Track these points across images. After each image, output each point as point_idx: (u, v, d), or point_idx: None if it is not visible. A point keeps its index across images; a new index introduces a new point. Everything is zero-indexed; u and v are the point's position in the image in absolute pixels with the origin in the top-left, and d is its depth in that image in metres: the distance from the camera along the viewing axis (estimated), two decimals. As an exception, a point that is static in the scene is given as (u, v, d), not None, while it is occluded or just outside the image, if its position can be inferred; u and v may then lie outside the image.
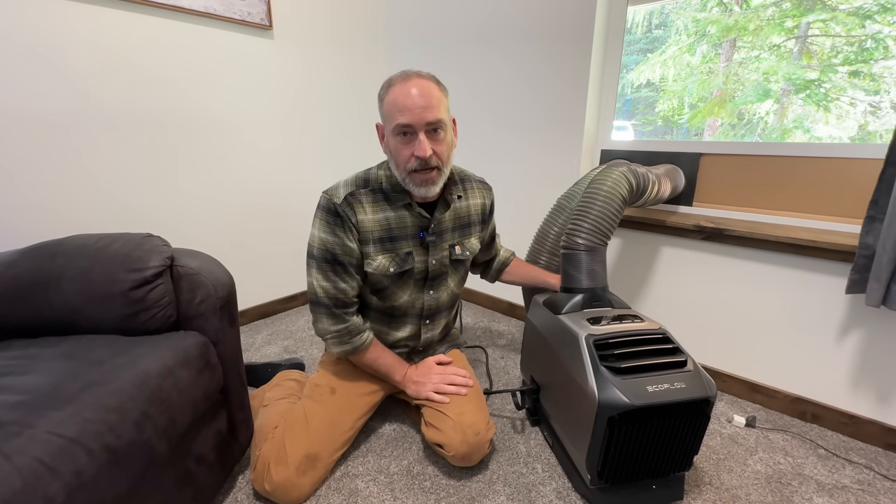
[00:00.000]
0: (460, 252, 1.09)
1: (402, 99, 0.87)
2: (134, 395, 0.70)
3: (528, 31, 1.61)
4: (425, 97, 0.87)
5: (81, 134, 1.30)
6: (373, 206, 0.99)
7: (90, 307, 0.86)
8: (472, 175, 1.15)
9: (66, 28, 1.23)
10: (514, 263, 1.31)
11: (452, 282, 1.13)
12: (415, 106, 0.87)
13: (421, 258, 1.04)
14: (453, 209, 1.07)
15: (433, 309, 1.12)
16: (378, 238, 0.99)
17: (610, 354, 0.90)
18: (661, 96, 1.99)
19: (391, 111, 0.89)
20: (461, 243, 1.09)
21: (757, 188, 1.33)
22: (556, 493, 1.00)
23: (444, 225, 1.05)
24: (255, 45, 1.63)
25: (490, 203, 1.17)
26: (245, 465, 1.06)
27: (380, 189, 1.00)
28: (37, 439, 0.58)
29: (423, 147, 0.88)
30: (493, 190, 1.19)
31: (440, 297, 1.11)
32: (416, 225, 1.02)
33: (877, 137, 1.36)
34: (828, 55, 1.59)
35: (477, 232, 1.14)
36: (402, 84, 0.89)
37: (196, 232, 1.61)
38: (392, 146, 0.93)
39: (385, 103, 0.91)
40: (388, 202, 1.00)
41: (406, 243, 1.02)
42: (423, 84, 0.89)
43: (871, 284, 1.01)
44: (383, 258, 1.00)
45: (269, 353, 1.61)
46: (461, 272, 1.15)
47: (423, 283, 1.08)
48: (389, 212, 1.00)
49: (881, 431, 1.15)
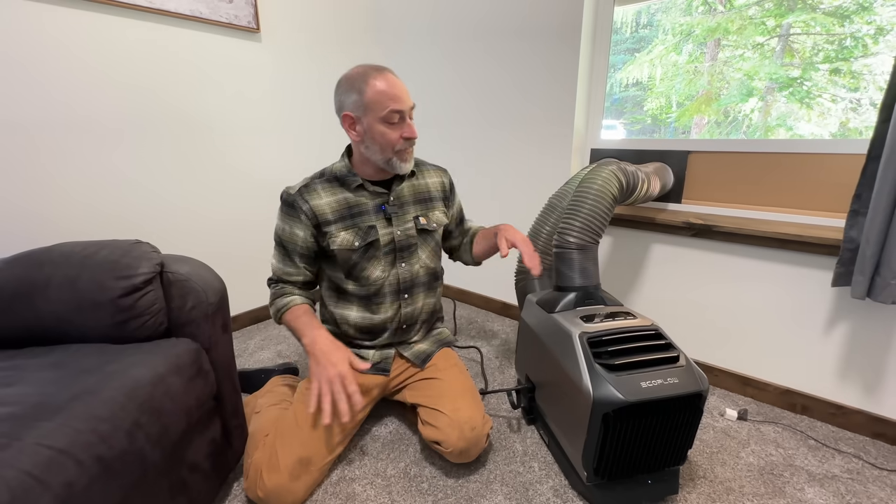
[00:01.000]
0: (426, 222, 1.14)
1: (391, 88, 0.96)
2: (125, 403, 0.69)
3: (517, 30, 1.62)
4: (403, 86, 0.99)
5: (67, 140, 1.28)
6: (328, 190, 1.06)
7: (78, 316, 0.85)
8: (427, 161, 1.24)
9: (50, 33, 1.21)
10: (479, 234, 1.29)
11: (424, 254, 1.15)
12: (402, 93, 0.98)
13: (385, 230, 1.08)
14: (412, 185, 1.14)
15: (409, 282, 1.14)
16: (338, 217, 1.05)
17: (603, 351, 0.91)
18: (649, 95, 2.02)
19: (381, 100, 0.96)
20: (426, 215, 1.15)
21: (744, 185, 1.35)
22: (553, 490, 1.01)
23: (405, 198, 1.12)
24: (242, 48, 1.62)
25: (448, 181, 1.23)
26: (240, 473, 1.04)
27: (334, 177, 1.08)
28: (25, 451, 0.57)
29: (413, 129, 1.01)
30: (447, 172, 1.25)
31: (413, 268, 1.14)
32: (376, 201, 1.08)
33: (857, 134, 1.39)
34: (809, 53, 1.62)
35: (441, 207, 1.19)
36: (381, 76, 0.97)
37: (186, 237, 1.59)
38: (378, 132, 0.99)
39: (367, 94, 0.96)
40: (343, 185, 1.07)
41: (368, 217, 1.07)
42: (394, 76, 0.99)
43: (856, 277, 1.03)
44: (346, 234, 1.05)
45: (262, 358, 1.59)
46: (431, 244, 1.17)
47: (392, 257, 1.10)
48: (346, 193, 1.07)
49: (868, 421, 1.17)
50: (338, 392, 0.92)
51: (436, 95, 1.94)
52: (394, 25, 2.01)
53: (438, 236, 1.20)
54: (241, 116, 1.67)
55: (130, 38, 1.35)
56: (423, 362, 1.16)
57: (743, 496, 0.99)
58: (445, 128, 1.95)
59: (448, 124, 1.94)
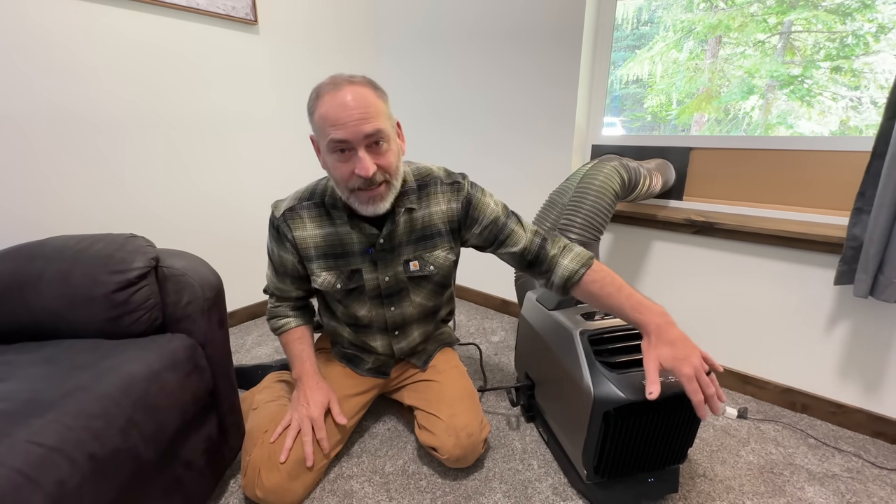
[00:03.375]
0: (417, 268, 0.97)
1: (335, 111, 0.76)
2: (119, 400, 0.68)
3: (518, 26, 1.60)
4: (361, 107, 0.76)
5: (60, 133, 1.26)
6: (314, 221, 0.93)
7: (71, 311, 0.83)
8: (440, 176, 0.96)
9: (40, 24, 1.18)
10: (587, 280, 0.89)
11: (418, 297, 1.02)
12: (350, 119, 0.75)
13: (371, 275, 0.96)
14: (409, 220, 0.94)
15: (399, 323, 1.04)
16: (322, 254, 0.94)
17: (604, 349, 0.90)
18: (649, 92, 2.00)
19: (322, 126, 0.78)
20: (421, 257, 0.97)
21: (747, 182, 1.34)
22: (553, 489, 1.00)
23: (398, 239, 0.94)
24: (240, 40, 1.60)
25: (459, 206, 0.95)
26: (237, 470, 1.03)
27: (322, 203, 0.93)
28: (15, 448, 0.55)
29: (365, 165, 0.77)
30: (465, 186, 0.96)
31: (404, 311, 1.03)
32: (364, 241, 0.93)
33: (857, 132, 1.38)
34: (810, 51, 1.61)
35: (446, 244, 0.98)
36: (332, 94, 0.77)
37: (182, 232, 1.57)
38: (329, 163, 0.82)
39: (315, 117, 0.79)
40: (330, 217, 0.93)
41: (353, 260, 0.94)
42: (356, 91, 0.77)
43: (859, 276, 1.02)
44: (328, 275, 0.95)
45: (259, 354, 1.58)
46: (427, 287, 1.02)
47: (379, 301, 1.00)
48: (333, 227, 0.93)
49: (868, 419, 1.17)
50: (305, 433, 0.94)
51: (436, 90, 1.92)
52: (392, 16, 1.98)
53: (442, 276, 1.02)
54: (239, 110, 1.65)
55: (124, 29, 1.33)
56: (424, 363, 1.15)
57: (743, 495, 0.98)
58: (446, 124, 1.94)
59: (449, 120, 1.92)
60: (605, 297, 0.86)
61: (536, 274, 0.97)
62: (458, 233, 0.99)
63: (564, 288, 0.92)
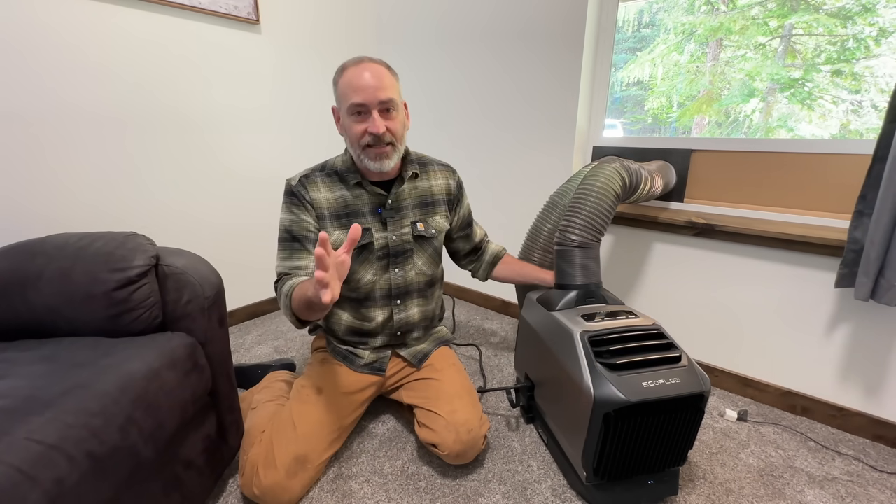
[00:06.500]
0: (423, 228, 1.10)
1: (356, 80, 0.92)
2: (118, 398, 0.68)
3: (521, 28, 1.60)
4: (377, 78, 0.93)
5: (62, 131, 1.26)
6: (327, 185, 1.04)
7: (71, 308, 0.83)
8: (435, 159, 1.18)
9: (45, 22, 1.18)
10: (506, 259, 1.30)
11: (420, 260, 1.12)
12: (368, 86, 0.92)
13: (380, 234, 1.06)
14: (414, 187, 1.10)
15: (401, 288, 1.10)
16: (335, 214, 1.04)
17: (605, 351, 0.90)
18: (650, 94, 2.01)
19: (346, 92, 0.94)
20: (425, 220, 1.11)
21: (748, 184, 1.34)
22: (552, 490, 1.00)
23: (404, 202, 1.09)
24: (242, 39, 1.60)
25: (455, 183, 1.18)
26: (236, 469, 1.03)
27: (335, 171, 1.06)
28: (14, 446, 0.55)
29: (377, 124, 0.93)
30: (456, 173, 1.20)
31: (407, 275, 1.10)
32: (374, 202, 1.06)
33: (857, 136, 1.38)
34: (811, 55, 1.61)
35: (443, 211, 1.15)
36: (355, 67, 0.94)
37: (182, 230, 1.57)
38: (346, 125, 0.98)
39: (339, 85, 0.95)
40: (343, 182, 1.05)
41: (363, 219, 1.05)
42: (375, 67, 0.94)
43: (860, 279, 1.02)
44: (339, 233, 1.03)
45: (259, 353, 1.58)
46: (428, 251, 1.13)
47: (386, 262, 1.08)
48: (345, 190, 1.05)
49: (869, 423, 1.17)
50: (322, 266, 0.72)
51: (436, 90, 1.92)
52: (395, 17, 1.99)
53: (438, 242, 1.16)
54: (241, 109, 1.65)
55: (128, 28, 1.33)
56: (419, 362, 1.15)
57: (742, 498, 0.98)
58: (447, 124, 1.94)
59: (451, 120, 1.92)
60: (518, 266, 1.28)
61: (471, 258, 1.31)
62: (451, 205, 1.18)
63: (492, 264, 1.28)
